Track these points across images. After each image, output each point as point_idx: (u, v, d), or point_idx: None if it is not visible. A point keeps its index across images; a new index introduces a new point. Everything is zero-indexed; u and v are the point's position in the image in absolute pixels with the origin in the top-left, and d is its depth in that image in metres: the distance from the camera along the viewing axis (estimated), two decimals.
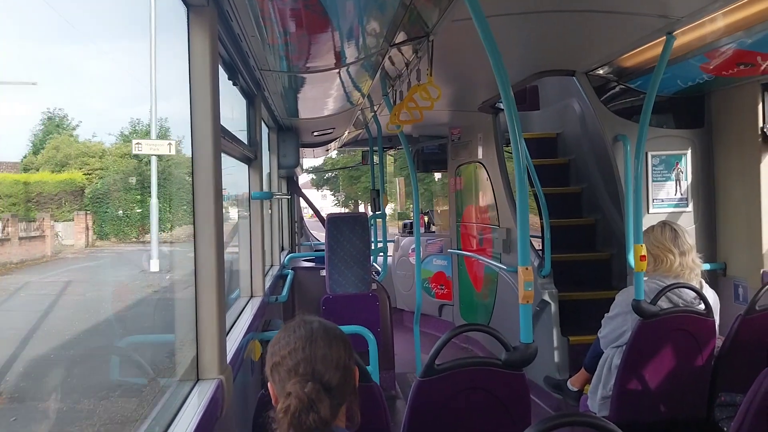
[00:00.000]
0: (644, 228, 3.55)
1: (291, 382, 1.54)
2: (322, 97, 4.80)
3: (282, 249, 7.34)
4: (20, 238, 16.77)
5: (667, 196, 4.83)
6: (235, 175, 4.32)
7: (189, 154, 2.32)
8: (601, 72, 4.59)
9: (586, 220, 5.89)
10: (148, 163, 20.33)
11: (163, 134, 21.43)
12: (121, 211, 19.93)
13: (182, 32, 2.26)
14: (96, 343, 9.60)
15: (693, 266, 3.33)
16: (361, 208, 27.35)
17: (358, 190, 33.28)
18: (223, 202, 2.39)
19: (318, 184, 40.46)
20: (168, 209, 19.68)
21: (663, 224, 3.43)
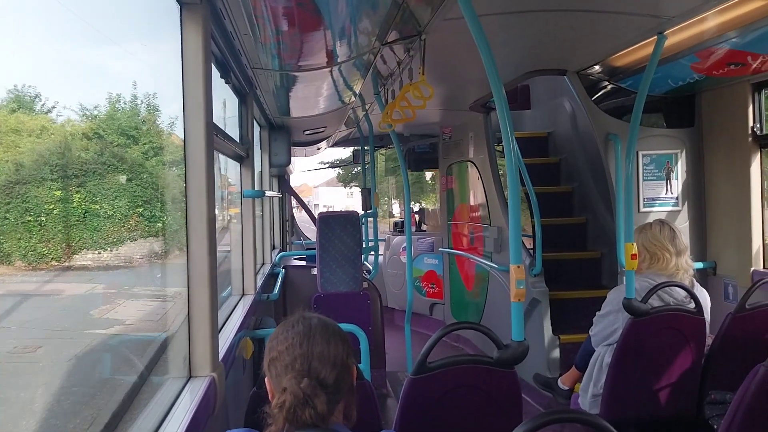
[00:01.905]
0: (635, 226, 3.56)
1: (287, 378, 1.53)
2: (313, 95, 4.80)
3: (273, 247, 7.33)
4: None
5: (657, 195, 4.86)
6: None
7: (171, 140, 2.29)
8: (592, 71, 4.61)
9: (577, 219, 5.91)
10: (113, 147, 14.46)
11: (152, 111, 16.47)
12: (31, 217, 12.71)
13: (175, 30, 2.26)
14: None
15: (687, 267, 3.35)
16: (395, 208, 23.98)
17: (392, 187, 29.78)
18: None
19: (346, 180, 36.08)
20: (112, 212, 13.39)
21: (661, 223, 3.44)
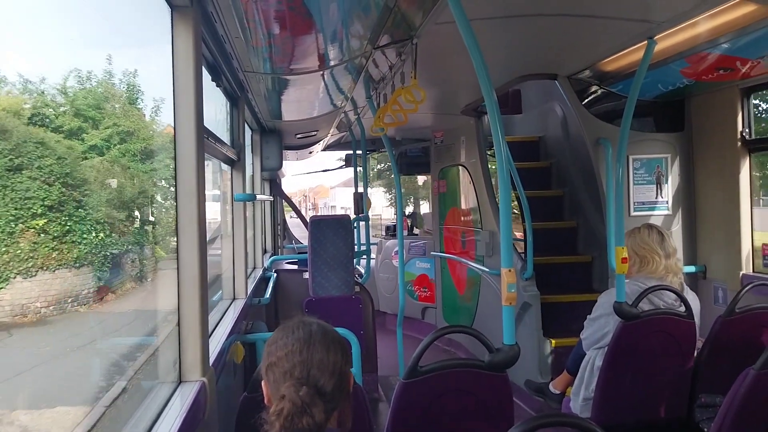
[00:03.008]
0: (626, 230, 3.58)
1: (285, 385, 1.53)
2: (305, 99, 4.80)
3: (265, 251, 7.32)
4: None
5: (648, 199, 4.88)
6: None
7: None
8: (582, 76, 4.63)
9: (568, 223, 5.92)
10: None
11: (132, 88, 12.45)
12: None
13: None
14: None
15: (676, 270, 3.37)
16: (425, 208, 22.20)
17: (421, 188, 26.90)
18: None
19: (371, 180, 32.37)
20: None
21: (650, 226, 3.46)
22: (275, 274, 5.92)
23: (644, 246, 3.40)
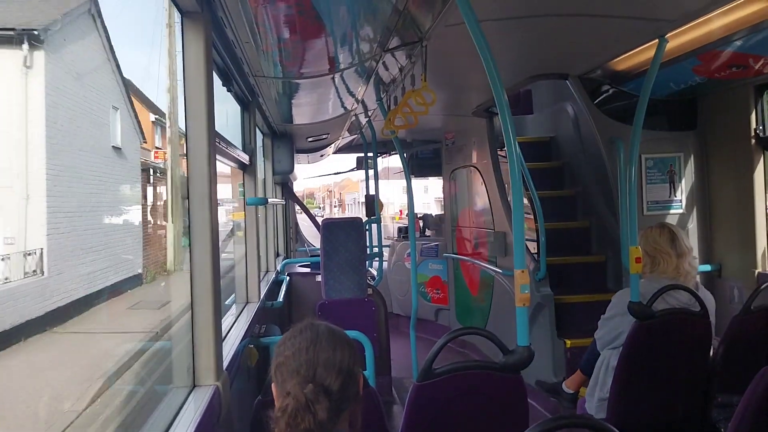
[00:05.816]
0: (639, 230, 3.56)
1: (291, 383, 1.54)
2: (316, 102, 4.81)
3: (277, 255, 7.34)
4: None
5: (661, 198, 4.85)
6: None
7: None
8: (594, 75, 4.61)
9: (581, 223, 5.90)
10: None
11: None
12: None
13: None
14: None
15: (689, 269, 3.34)
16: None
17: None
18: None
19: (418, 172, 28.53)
20: None
21: (662, 226, 3.44)
22: (288, 278, 5.94)
23: (655, 246, 3.38)
